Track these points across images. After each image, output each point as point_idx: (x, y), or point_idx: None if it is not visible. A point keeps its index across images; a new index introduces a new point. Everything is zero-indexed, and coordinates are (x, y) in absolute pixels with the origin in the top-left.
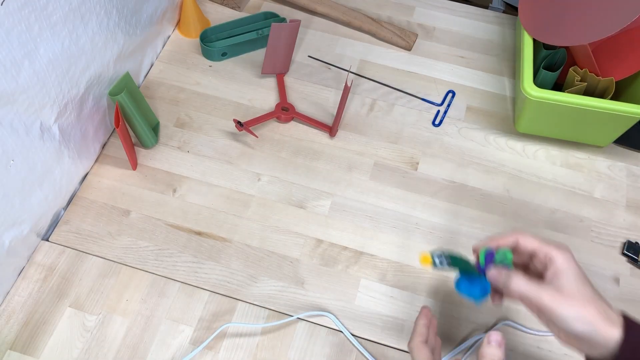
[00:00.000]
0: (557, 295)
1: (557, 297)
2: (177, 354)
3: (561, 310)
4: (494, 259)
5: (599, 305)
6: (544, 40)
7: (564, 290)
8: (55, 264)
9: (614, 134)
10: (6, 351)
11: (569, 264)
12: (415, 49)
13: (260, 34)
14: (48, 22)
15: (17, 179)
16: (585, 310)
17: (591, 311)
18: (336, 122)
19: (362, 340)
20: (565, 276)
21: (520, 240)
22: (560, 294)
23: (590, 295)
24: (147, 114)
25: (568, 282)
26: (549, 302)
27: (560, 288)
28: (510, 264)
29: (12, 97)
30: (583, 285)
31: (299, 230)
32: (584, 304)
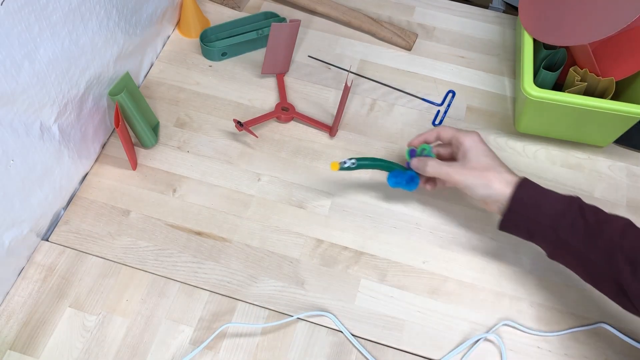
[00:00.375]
0: (463, 170)
1: (462, 171)
2: (177, 354)
3: (466, 181)
4: (415, 153)
5: (498, 172)
6: (544, 40)
7: (468, 165)
8: (55, 264)
9: (614, 134)
10: (6, 351)
11: (474, 143)
12: (415, 49)
13: (260, 34)
14: (48, 22)
15: (17, 179)
16: (484, 178)
17: (489, 177)
18: (336, 122)
19: (362, 340)
20: (470, 153)
21: (440, 132)
22: (465, 168)
23: (491, 164)
24: (147, 114)
25: (472, 157)
26: (455, 175)
27: (466, 163)
28: (429, 154)
29: (12, 97)
30: (485, 158)
31: (299, 230)
32: (483, 173)
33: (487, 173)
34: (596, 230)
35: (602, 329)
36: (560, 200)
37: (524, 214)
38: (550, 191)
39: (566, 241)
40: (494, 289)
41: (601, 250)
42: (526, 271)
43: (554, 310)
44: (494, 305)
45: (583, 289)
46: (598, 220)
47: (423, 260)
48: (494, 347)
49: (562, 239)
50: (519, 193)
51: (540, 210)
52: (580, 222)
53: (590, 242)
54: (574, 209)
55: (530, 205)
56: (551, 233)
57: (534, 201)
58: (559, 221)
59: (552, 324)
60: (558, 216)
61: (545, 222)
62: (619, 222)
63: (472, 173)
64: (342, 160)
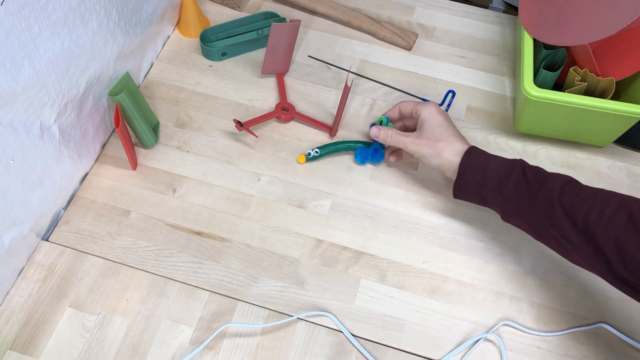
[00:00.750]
0: (417, 139)
1: (417, 140)
2: (177, 354)
3: (420, 151)
4: None
5: (449, 142)
6: (544, 40)
7: (423, 135)
8: (55, 264)
9: (614, 134)
10: (6, 351)
11: (430, 114)
12: (415, 49)
13: (260, 33)
14: (48, 22)
15: (16, 179)
16: (435, 148)
17: (440, 147)
18: (336, 122)
19: (362, 340)
20: (425, 124)
21: (400, 107)
22: (420, 138)
23: (443, 134)
24: (147, 113)
25: (427, 128)
26: (411, 145)
27: (421, 134)
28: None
29: (12, 97)
30: (439, 128)
31: (299, 230)
32: (435, 143)
33: (438, 143)
34: (537, 188)
35: (602, 329)
36: (505, 164)
37: (472, 179)
38: (496, 156)
39: (511, 201)
40: (494, 289)
41: (542, 206)
42: (526, 271)
43: (554, 310)
44: (494, 305)
45: (583, 289)
46: (539, 178)
47: (423, 260)
48: (494, 347)
49: (508, 199)
50: (466, 160)
51: (487, 175)
52: (522, 181)
53: (532, 199)
54: (517, 170)
55: (477, 171)
56: (498, 195)
57: (480, 166)
58: (503, 183)
59: (552, 324)
60: (503, 178)
61: (492, 185)
62: (559, 179)
63: (426, 143)
64: (307, 152)
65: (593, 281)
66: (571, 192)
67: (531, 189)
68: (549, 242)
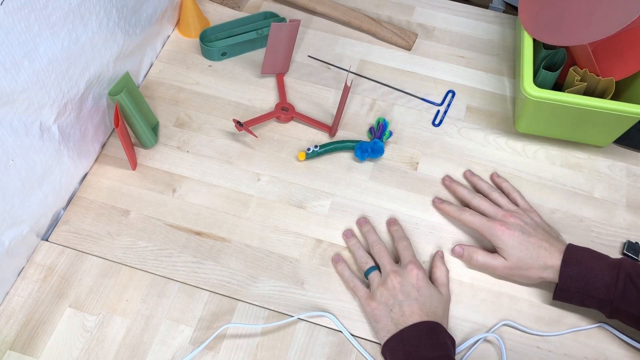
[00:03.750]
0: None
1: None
2: (177, 354)
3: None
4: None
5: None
6: (544, 40)
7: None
8: (55, 264)
9: (614, 134)
10: (6, 351)
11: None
12: (415, 49)
13: (260, 33)
14: (47, 22)
15: (16, 179)
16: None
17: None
18: (336, 122)
19: (362, 341)
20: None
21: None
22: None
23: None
24: (147, 113)
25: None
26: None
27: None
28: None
29: (12, 97)
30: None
31: (299, 230)
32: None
33: (528, 271)
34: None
35: (602, 329)
36: (607, 271)
37: (575, 290)
38: (595, 260)
39: (622, 309)
40: (494, 289)
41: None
42: None
43: (554, 310)
44: (494, 305)
45: None
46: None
47: (422, 260)
48: (494, 347)
49: (617, 308)
50: (566, 272)
51: (590, 285)
52: (632, 289)
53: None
54: (621, 278)
55: (579, 281)
56: (606, 304)
57: (582, 276)
58: (610, 293)
59: (552, 324)
60: (609, 288)
61: (599, 296)
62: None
63: (514, 272)
64: (307, 148)
65: None
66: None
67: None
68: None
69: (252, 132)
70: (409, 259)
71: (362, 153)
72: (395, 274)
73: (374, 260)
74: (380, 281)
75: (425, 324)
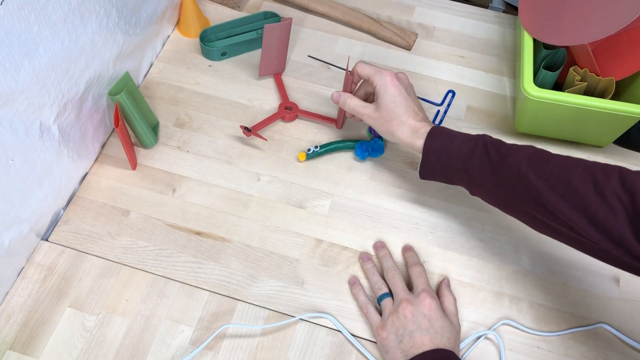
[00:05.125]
0: (374, 115)
1: (373, 115)
2: (177, 354)
3: (376, 127)
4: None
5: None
6: (544, 40)
7: (379, 109)
8: (55, 264)
9: (614, 134)
10: (6, 351)
11: (384, 88)
12: (415, 49)
13: (260, 33)
14: (47, 21)
15: (16, 179)
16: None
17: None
18: (341, 114)
19: (362, 340)
20: (380, 98)
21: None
22: (376, 113)
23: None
24: (147, 113)
25: (382, 103)
26: (368, 119)
27: (378, 108)
28: None
29: (12, 97)
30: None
31: (299, 230)
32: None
33: (391, 122)
34: (500, 164)
35: (602, 329)
36: (467, 142)
37: (437, 160)
38: (458, 134)
39: (476, 178)
40: (494, 289)
41: (506, 182)
42: (526, 271)
43: (554, 310)
44: (494, 305)
45: (583, 289)
46: (501, 154)
47: (423, 260)
48: (493, 347)
49: (473, 177)
50: (429, 143)
51: (451, 154)
52: (485, 159)
53: (495, 174)
54: (479, 147)
55: (441, 152)
56: (464, 174)
57: (444, 147)
58: (467, 161)
59: (552, 324)
60: (466, 157)
61: (457, 165)
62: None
63: (380, 121)
64: (308, 148)
65: (593, 281)
66: (535, 166)
67: (494, 165)
68: (519, 216)
69: (261, 136)
70: (422, 287)
71: (363, 152)
72: (407, 303)
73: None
74: (392, 309)
75: (437, 352)
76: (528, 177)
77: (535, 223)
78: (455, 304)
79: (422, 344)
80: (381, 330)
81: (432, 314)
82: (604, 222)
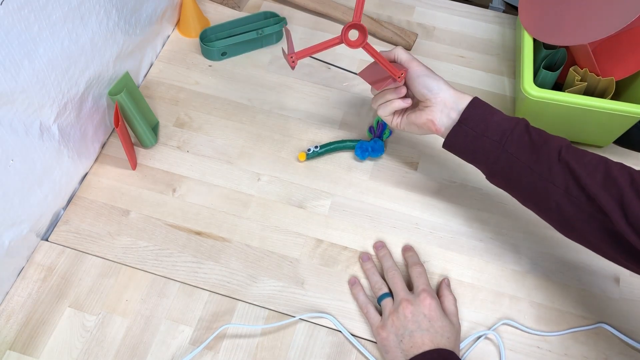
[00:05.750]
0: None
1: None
2: (177, 354)
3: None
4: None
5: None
6: (544, 40)
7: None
8: (55, 264)
9: (614, 134)
10: (6, 351)
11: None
12: (415, 49)
13: (260, 33)
14: (47, 21)
15: (16, 179)
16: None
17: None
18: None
19: (362, 341)
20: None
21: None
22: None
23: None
24: (147, 113)
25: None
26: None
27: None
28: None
29: (12, 97)
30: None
31: (299, 230)
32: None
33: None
34: (540, 145)
35: (602, 329)
36: (508, 119)
37: (473, 129)
38: (499, 111)
39: (512, 155)
40: (494, 289)
41: (544, 162)
42: (526, 271)
43: (554, 310)
44: (494, 305)
45: (583, 289)
46: (542, 137)
47: (423, 260)
48: (493, 347)
49: (508, 152)
50: (469, 110)
51: (489, 126)
52: (525, 136)
53: (534, 154)
54: (521, 126)
55: (480, 121)
56: (497, 147)
57: (483, 118)
58: (506, 136)
59: (552, 324)
60: (505, 132)
61: (494, 137)
62: (562, 141)
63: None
64: (308, 148)
65: (593, 281)
66: (574, 153)
67: (535, 145)
68: (541, 201)
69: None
70: (422, 287)
71: (363, 152)
72: (408, 303)
73: (388, 286)
74: (392, 309)
75: (437, 352)
76: (568, 161)
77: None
78: (455, 304)
79: (422, 343)
80: (381, 330)
81: (432, 314)
82: (637, 215)
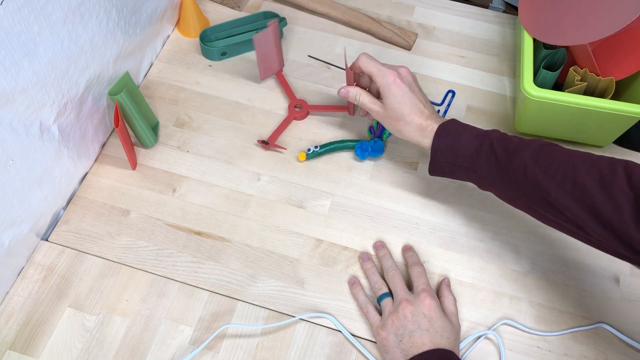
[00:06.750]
0: (382, 112)
1: (382, 113)
2: (177, 354)
3: (385, 125)
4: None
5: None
6: (544, 40)
7: (386, 108)
8: (55, 264)
9: (614, 134)
10: (6, 351)
11: (387, 88)
12: (415, 49)
13: None
14: (47, 21)
15: (16, 179)
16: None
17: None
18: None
19: (362, 340)
20: (386, 99)
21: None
22: (384, 110)
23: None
24: (147, 113)
25: (387, 102)
26: (376, 117)
27: (385, 106)
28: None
29: (12, 97)
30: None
31: (299, 230)
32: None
33: (398, 122)
34: (507, 164)
35: (602, 329)
36: (473, 141)
37: (445, 160)
38: (465, 131)
39: (485, 177)
40: (494, 289)
41: (514, 182)
42: (526, 271)
43: (554, 310)
44: (494, 305)
45: (583, 289)
46: (507, 154)
47: (423, 260)
48: (493, 347)
49: (481, 177)
50: (436, 143)
51: (458, 153)
52: (492, 159)
53: (503, 175)
54: (486, 147)
55: (448, 152)
56: (472, 173)
57: (450, 147)
58: (474, 161)
59: (552, 324)
60: (473, 157)
61: (465, 165)
62: (528, 150)
63: (387, 120)
64: (308, 148)
65: (593, 281)
66: (543, 163)
67: (501, 165)
68: (529, 212)
69: (280, 146)
70: (422, 287)
71: (363, 152)
72: (407, 303)
73: (388, 286)
74: (392, 309)
75: (437, 352)
76: (535, 176)
77: (545, 220)
78: (455, 304)
79: (422, 343)
80: (381, 330)
81: (432, 314)
82: (610, 219)
